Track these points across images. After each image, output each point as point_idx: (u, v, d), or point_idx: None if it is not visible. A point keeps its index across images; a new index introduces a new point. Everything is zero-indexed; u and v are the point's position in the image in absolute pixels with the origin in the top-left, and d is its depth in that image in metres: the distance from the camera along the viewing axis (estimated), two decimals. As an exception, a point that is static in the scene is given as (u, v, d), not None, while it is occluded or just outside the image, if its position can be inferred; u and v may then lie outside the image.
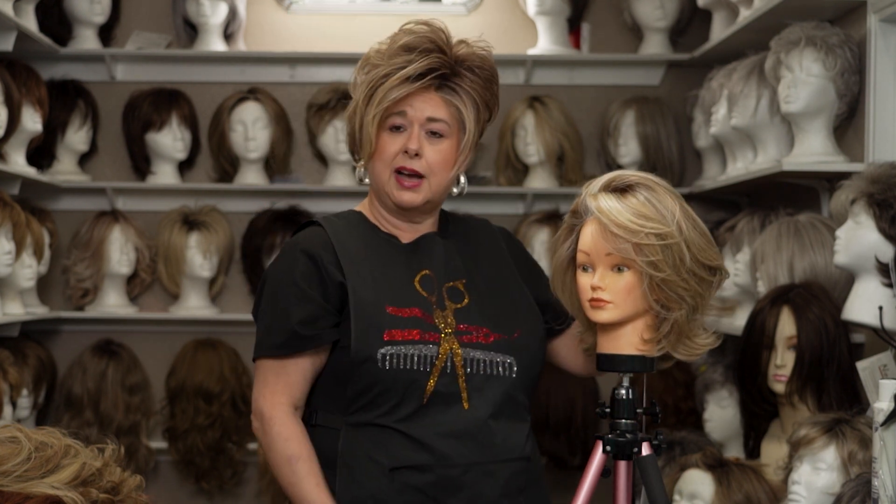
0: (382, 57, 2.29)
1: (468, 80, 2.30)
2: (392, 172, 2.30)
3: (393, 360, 2.21)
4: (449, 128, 2.30)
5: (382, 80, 2.26)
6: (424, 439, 2.22)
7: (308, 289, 2.25)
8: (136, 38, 4.88)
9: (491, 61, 2.36)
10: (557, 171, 4.86)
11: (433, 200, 2.33)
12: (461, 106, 2.29)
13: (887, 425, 2.37)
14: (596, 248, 2.11)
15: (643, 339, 2.13)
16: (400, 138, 2.29)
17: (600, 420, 4.68)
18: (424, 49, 2.29)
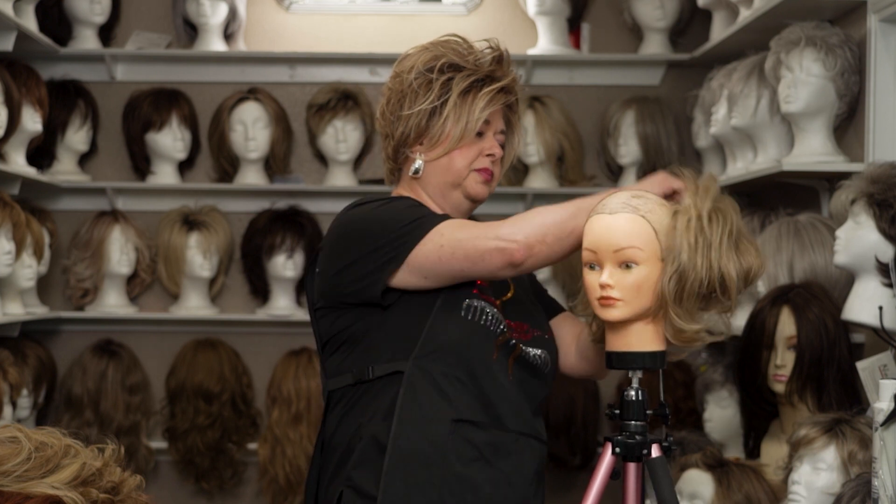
0: (466, 60, 2.41)
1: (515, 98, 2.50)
2: (471, 170, 2.42)
3: (475, 312, 2.30)
4: (504, 138, 2.50)
5: (478, 84, 2.40)
6: (488, 398, 2.27)
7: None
8: (136, 38, 4.88)
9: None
10: (557, 171, 4.86)
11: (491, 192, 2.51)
12: (514, 120, 2.51)
13: (887, 425, 2.37)
14: (602, 246, 2.11)
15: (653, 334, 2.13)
16: (479, 142, 2.44)
17: (601, 420, 4.68)
18: (508, 64, 2.46)
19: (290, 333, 4.84)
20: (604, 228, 2.12)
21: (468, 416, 2.25)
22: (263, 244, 4.78)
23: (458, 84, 2.38)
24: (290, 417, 4.63)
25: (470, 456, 2.24)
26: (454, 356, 2.27)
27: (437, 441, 2.23)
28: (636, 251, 2.09)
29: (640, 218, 2.10)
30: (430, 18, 4.95)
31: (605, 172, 4.97)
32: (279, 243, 4.75)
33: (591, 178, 4.94)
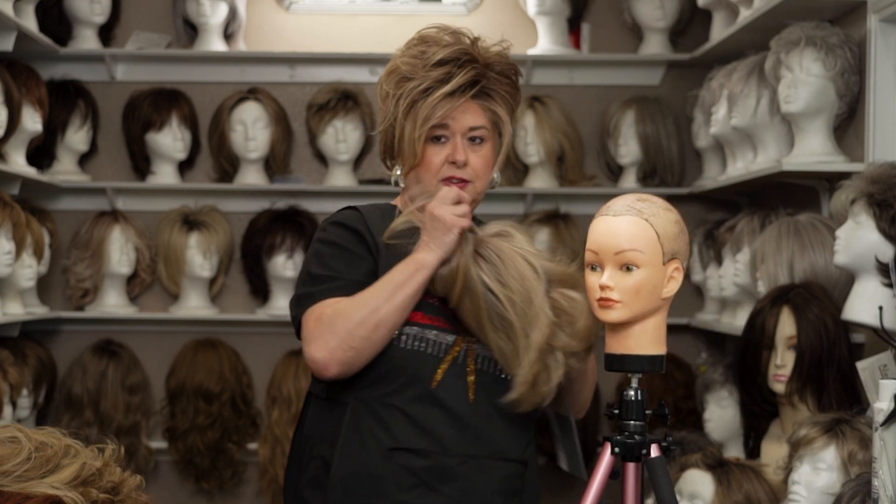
0: (416, 69, 2.34)
1: (500, 84, 2.38)
2: (439, 182, 2.36)
3: (411, 340, 2.26)
4: (488, 132, 2.37)
5: (423, 95, 2.32)
6: (426, 424, 2.24)
7: (358, 249, 2.33)
8: (136, 38, 4.88)
9: (512, 60, 2.42)
10: (557, 171, 4.86)
11: (476, 201, 2.40)
12: (499, 110, 2.37)
13: (887, 425, 2.37)
14: (604, 247, 2.11)
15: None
16: (444, 149, 2.35)
17: (601, 420, 4.68)
18: (462, 62, 2.34)
19: (290, 333, 4.82)
20: (606, 230, 2.12)
21: (405, 444, 2.24)
22: (263, 244, 4.77)
23: (404, 99, 2.33)
24: (290, 417, 4.63)
25: (409, 483, 2.23)
26: (392, 386, 2.26)
27: (374, 470, 2.24)
28: (637, 254, 2.09)
29: (644, 221, 2.10)
30: (430, 18, 4.94)
31: (605, 172, 4.97)
32: (279, 243, 4.75)
33: (591, 178, 4.94)
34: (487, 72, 2.36)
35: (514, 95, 2.41)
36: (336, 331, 2.22)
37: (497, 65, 2.37)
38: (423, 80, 2.32)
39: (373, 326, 2.21)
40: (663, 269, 2.11)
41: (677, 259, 2.12)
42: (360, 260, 2.31)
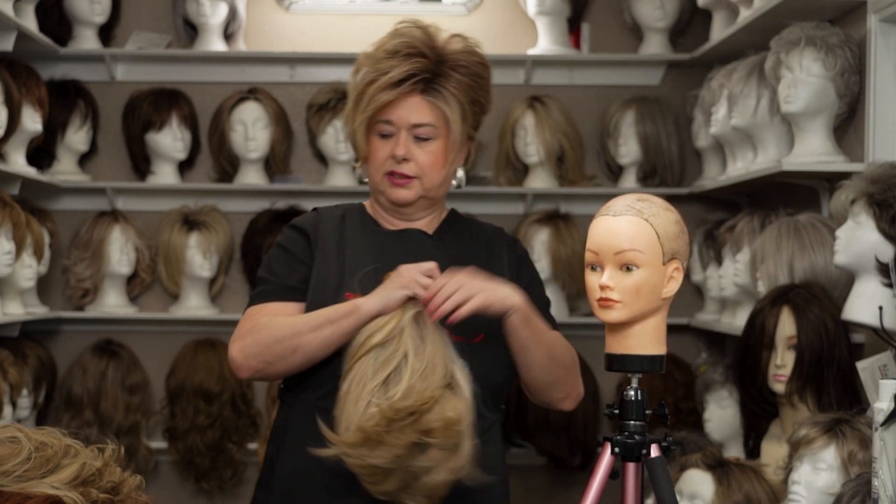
0: (370, 61, 2.34)
1: (453, 81, 2.33)
2: (384, 175, 2.36)
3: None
4: (436, 129, 2.33)
5: (368, 85, 2.32)
6: None
7: (298, 252, 2.36)
8: (136, 38, 4.88)
9: (478, 56, 2.38)
10: (557, 171, 4.86)
11: (428, 196, 2.37)
12: (445, 108, 2.32)
13: (887, 425, 2.37)
14: (604, 247, 2.11)
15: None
16: (389, 144, 2.34)
17: (601, 420, 4.68)
18: (407, 53, 2.31)
19: (290, 333, 4.84)
20: (606, 230, 2.12)
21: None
22: (263, 244, 4.77)
23: (354, 90, 2.34)
24: (290, 417, 4.63)
25: (339, 485, 2.21)
26: (323, 389, 2.26)
27: (309, 472, 2.25)
28: (637, 254, 2.09)
29: (644, 221, 2.10)
30: (430, 18, 4.92)
31: (605, 172, 4.97)
32: (279, 243, 4.75)
33: (591, 178, 4.94)
34: (440, 67, 2.32)
35: (471, 94, 2.35)
36: (258, 340, 2.26)
37: (453, 61, 2.33)
38: (372, 71, 2.32)
39: (290, 350, 2.24)
40: (663, 269, 2.11)
41: (677, 259, 2.12)
42: (300, 265, 2.34)
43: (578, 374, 2.41)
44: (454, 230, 2.45)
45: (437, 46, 2.34)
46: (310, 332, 2.23)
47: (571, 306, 4.87)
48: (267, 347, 2.26)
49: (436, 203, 2.42)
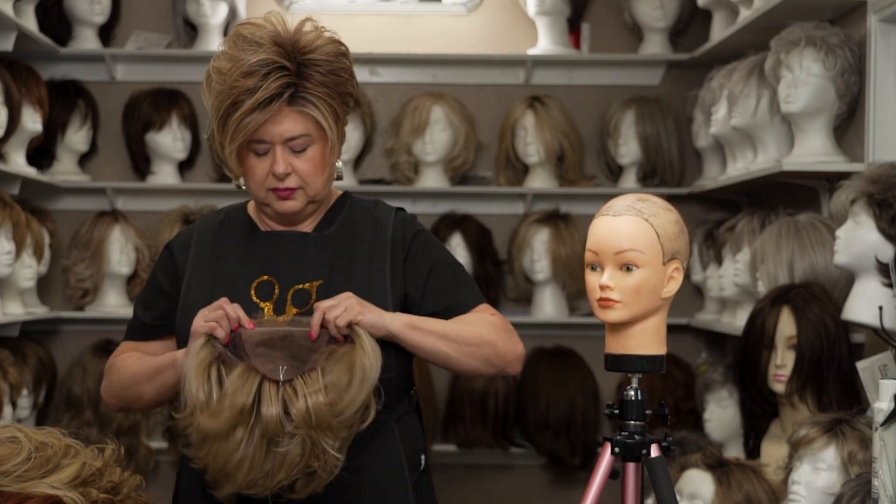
0: (226, 79, 2.21)
1: (317, 85, 2.24)
2: (267, 191, 2.32)
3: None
4: (310, 137, 2.26)
5: (231, 107, 2.22)
6: None
7: (162, 282, 2.40)
8: (136, 38, 4.88)
9: (333, 43, 2.31)
10: (557, 171, 4.86)
11: (315, 201, 2.33)
12: (317, 114, 2.24)
13: (887, 425, 2.37)
14: (604, 247, 2.11)
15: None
16: (266, 161, 2.27)
17: (601, 420, 4.69)
18: (266, 72, 2.20)
19: (290, 333, 4.83)
20: (607, 230, 2.12)
21: None
22: (263, 244, 4.77)
23: (217, 112, 2.23)
24: (289, 417, 4.63)
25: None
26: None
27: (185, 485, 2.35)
28: (637, 254, 2.09)
29: (644, 221, 2.10)
30: (430, 18, 4.95)
31: (605, 172, 4.97)
32: (279, 243, 4.75)
33: (591, 178, 4.94)
34: (303, 71, 2.24)
35: (337, 90, 2.27)
36: (111, 382, 2.35)
37: (314, 62, 2.25)
38: (232, 91, 2.20)
39: (136, 396, 2.32)
40: (663, 269, 2.11)
41: (677, 259, 2.12)
42: (162, 297, 2.38)
43: (509, 339, 2.32)
44: (338, 221, 2.37)
45: (291, 49, 2.25)
46: (146, 382, 2.29)
47: (571, 306, 4.87)
48: (119, 391, 2.34)
49: (321, 204, 2.37)
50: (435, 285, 2.33)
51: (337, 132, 2.28)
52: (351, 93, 2.31)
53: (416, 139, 4.78)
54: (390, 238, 2.35)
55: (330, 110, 2.25)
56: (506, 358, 2.31)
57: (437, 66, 4.92)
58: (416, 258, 2.35)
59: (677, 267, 2.12)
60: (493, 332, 2.31)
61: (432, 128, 4.77)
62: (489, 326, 2.31)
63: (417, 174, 4.86)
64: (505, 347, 2.31)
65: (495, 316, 2.34)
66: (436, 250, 2.38)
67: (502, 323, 2.34)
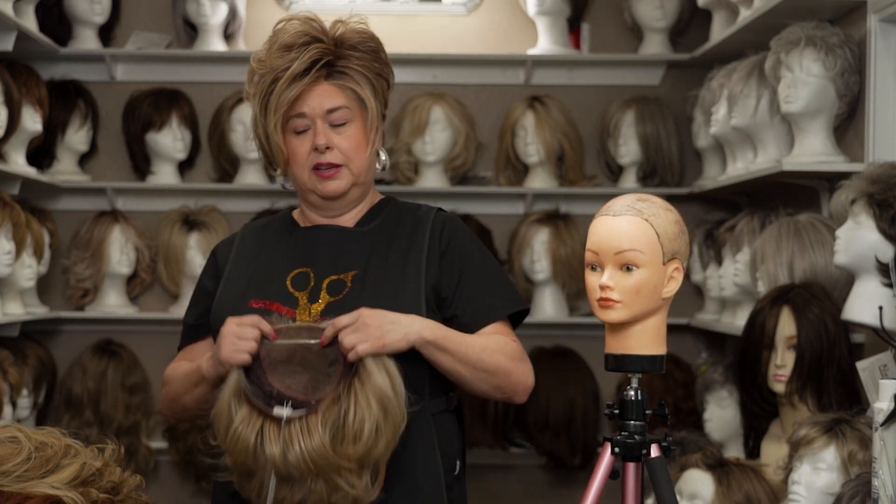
0: (264, 64, 2.29)
1: (355, 59, 2.29)
2: (310, 171, 2.31)
3: None
4: (351, 111, 2.29)
5: (272, 85, 2.27)
6: None
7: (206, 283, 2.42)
8: (136, 38, 4.88)
9: (367, 33, 2.34)
10: (557, 171, 4.86)
11: (358, 183, 2.34)
12: (356, 87, 2.28)
13: (887, 425, 2.37)
14: (604, 247, 2.11)
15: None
16: (307, 138, 2.30)
17: (601, 420, 4.69)
18: (303, 43, 2.28)
19: (290, 333, 4.83)
20: (607, 230, 2.12)
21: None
22: (263, 244, 4.77)
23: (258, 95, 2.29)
24: (290, 417, 4.63)
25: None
26: None
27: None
28: (638, 254, 2.09)
29: (644, 221, 2.10)
30: (430, 18, 4.95)
31: (605, 172, 4.97)
32: (279, 243, 4.75)
33: (591, 178, 4.94)
34: (339, 49, 2.28)
35: (375, 69, 2.31)
36: (164, 393, 2.40)
37: (349, 40, 2.29)
38: (272, 70, 2.27)
39: (181, 408, 2.36)
40: (663, 269, 2.11)
41: (677, 259, 2.12)
42: (204, 296, 2.41)
43: (523, 369, 2.32)
44: (379, 219, 2.38)
45: (327, 31, 2.31)
46: (185, 395, 2.32)
47: (571, 306, 4.87)
48: (169, 403, 2.39)
49: (365, 192, 2.38)
50: (465, 290, 2.32)
51: (377, 109, 2.31)
52: (387, 79, 2.35)
53: (416, 139, 4.78)
54: (429, 233, 2.35)
55: (369, 85, 2.29)
56: (516, 388, 2.32)
57: (437, 66, 4.93)
58: (454, 256, 2.34)
59: (677, 267, 2.12)
60: (511, 362, 2.30)
61: (432, 128, 4.77)
62: (509, 354, 2.30)
63: (417, 174, 4.86)
64: (518, 378, 2.31)
65: (516, 343, 2.34)
66: (470, 255, 2.37)
67: (520, 353, 2.33)
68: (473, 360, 2.26)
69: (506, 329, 2.35)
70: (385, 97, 2.36)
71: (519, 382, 2.32)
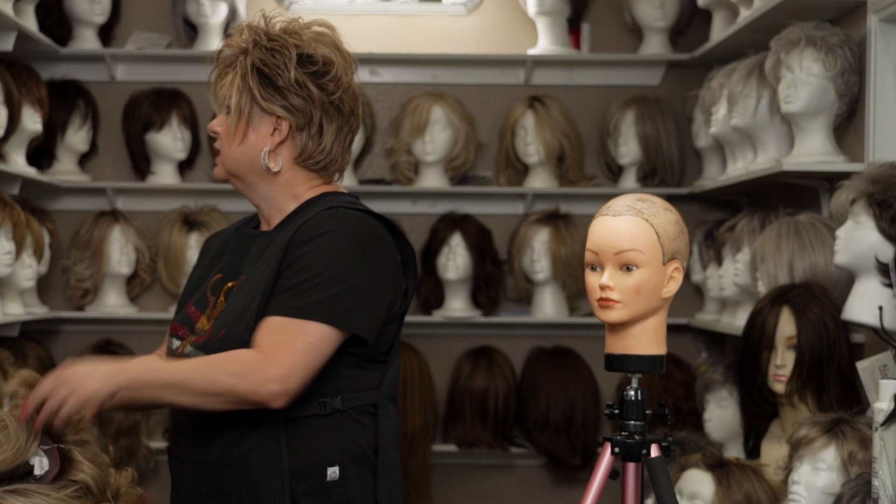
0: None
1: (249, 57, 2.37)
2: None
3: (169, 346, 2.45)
4: (229, 104, 2.39)
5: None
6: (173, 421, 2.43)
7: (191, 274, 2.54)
8: (136, 38, 4.88)
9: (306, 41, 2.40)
10: (557, 171, 4.86)
11: (235, 176, 2.46)
12: (227, 79, 2.38)
13: (887, 425, 2.37)
14: (604, 247, 2.11)
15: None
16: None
17: (600, 420, 4.69)
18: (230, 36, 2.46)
19: (290, 333, 4.83)
20: (607, 230, 2.12)
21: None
22: (263, 244, 4.77)
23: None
24: (289, 417, 4.63)
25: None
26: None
27: None
28: (637, 254, 2.09)
29: (644, 221, 2.10)
30: (430, 18, 4.95)
31: (605, 172, 4.97)
32: (279, 243, 4.75)
33: (591, 178, 4.94)
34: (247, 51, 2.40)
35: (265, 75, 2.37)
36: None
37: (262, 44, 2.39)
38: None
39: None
40: (663, 269, 2.11)
41: (677, 259, 2.12)
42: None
43: (250, 381, 2.21)
44: (290, 224, 2.38)
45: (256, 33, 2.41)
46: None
47: (571, 306, 4.87)
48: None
49: (251, 189, 2.46)
50: (280, 283, 2.30)
51: (249, 110, 2.36)
52: (281, 88, 2.36)
53: (416, 139, 4.78)
54: (295, 229, 2.34)
55: (244, 84, 2.35)
56: (252, 399, 2.22)
57: (437, 66, 4.92)
58: (284, 264, 2.32)
59: (677, 267, 2.12)
60: (232, 377, 2.22)
61: (432, 128, 4.77)
62: (229, 369, 2.23)
63: (417, 174, 4.86)
64: (245, 390, 2.21)
65: (254, 350, 2.24)
66: (306, 255, 2.30)
67: (254, 361, 2.22)
68: (185, 388, 2.22)
69: (280, 328, 2.25)
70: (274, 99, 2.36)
71: (250, 393, 2.21)
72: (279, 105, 2.36)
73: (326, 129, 2.40)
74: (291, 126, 2.37)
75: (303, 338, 2.24)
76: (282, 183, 2.42)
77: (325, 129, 2.40)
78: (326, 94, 2.40)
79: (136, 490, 1.74)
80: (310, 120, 2.38)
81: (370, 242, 2.35)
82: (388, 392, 2.40)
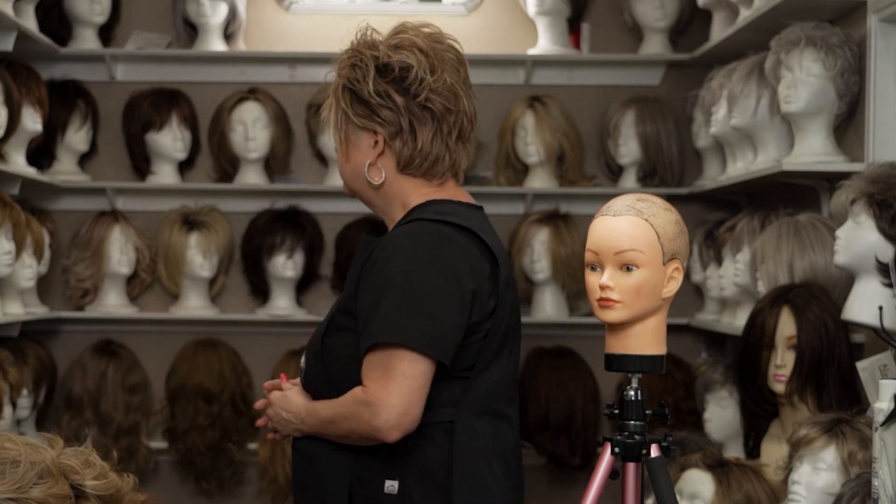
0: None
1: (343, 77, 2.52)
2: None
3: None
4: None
5: None
6: None
7: None
8: (136, 38, 4.88)
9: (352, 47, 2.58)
10: (557, 171, 4.86)
11: (355, 191, 2.47)
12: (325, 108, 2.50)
13: (887, 425, 2.37)
14: (604, 247, 2.11)
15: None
16: None
17: (601, 420, 4.69)
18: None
19: (290, 333, 4.84)
20: (607, 230, 2.12)
21: None
22: (263, 244, 4.77)
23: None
24: (290, 417, 4.63)
25: None
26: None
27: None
28: (637, 254, 2.09)
29: (644, 221, 2.10)
30: (430, 18, 4.91)
31: (605, 172, 4.97)
32: (279, 243, 4.75)
33: (591, 178, 4.94)
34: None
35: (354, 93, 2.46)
36: None
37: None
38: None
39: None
40: (663, 269, 2.11)
41: (677, 259, 2.12)
42: None
43: (362, 419, 2.27)
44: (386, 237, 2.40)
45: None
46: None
47: (571, 306, 4.87)
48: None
49: (377, 206, 2.46)
50: (360, 311, 2.32)
51: (346, 129, 2.43)
52: (367, 101, 2.41)
53: (416, 139, 4.78)
54: (368, 251, 2.36)
55: (337, 104, 2.44)
56: (372, 435, 2.26)
57: (437, 66, 4.92)
58: (360, 286, 2.34)
59: (677, 267, 2.12)
60: (349, 421, 2.29)
61: (432, 128, 4.77)
62: (346, 411, 2.30)
63: (417, 174, 4.85)
64: (362, 429, 2.27)
65: (359, 391, 2.28)
66: (378, 277, 2.31)
67: (360, 401, 2.27)
68: (332, 431, 2.35)
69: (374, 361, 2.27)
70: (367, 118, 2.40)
71: (369, 430, 2.26)
72: (370, 119, 2.40)
73: (420, 132, 2.38)
74: (385, 137, 2.40)
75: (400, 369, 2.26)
76: (390, 194, 2.43)
77: (418, 133, 2.38)
78: (410, 98, 2.39)
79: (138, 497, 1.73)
80: (399, 127, 2.39)
81: (437, 260, 2.31)
82: (478, 408, 2.35)
